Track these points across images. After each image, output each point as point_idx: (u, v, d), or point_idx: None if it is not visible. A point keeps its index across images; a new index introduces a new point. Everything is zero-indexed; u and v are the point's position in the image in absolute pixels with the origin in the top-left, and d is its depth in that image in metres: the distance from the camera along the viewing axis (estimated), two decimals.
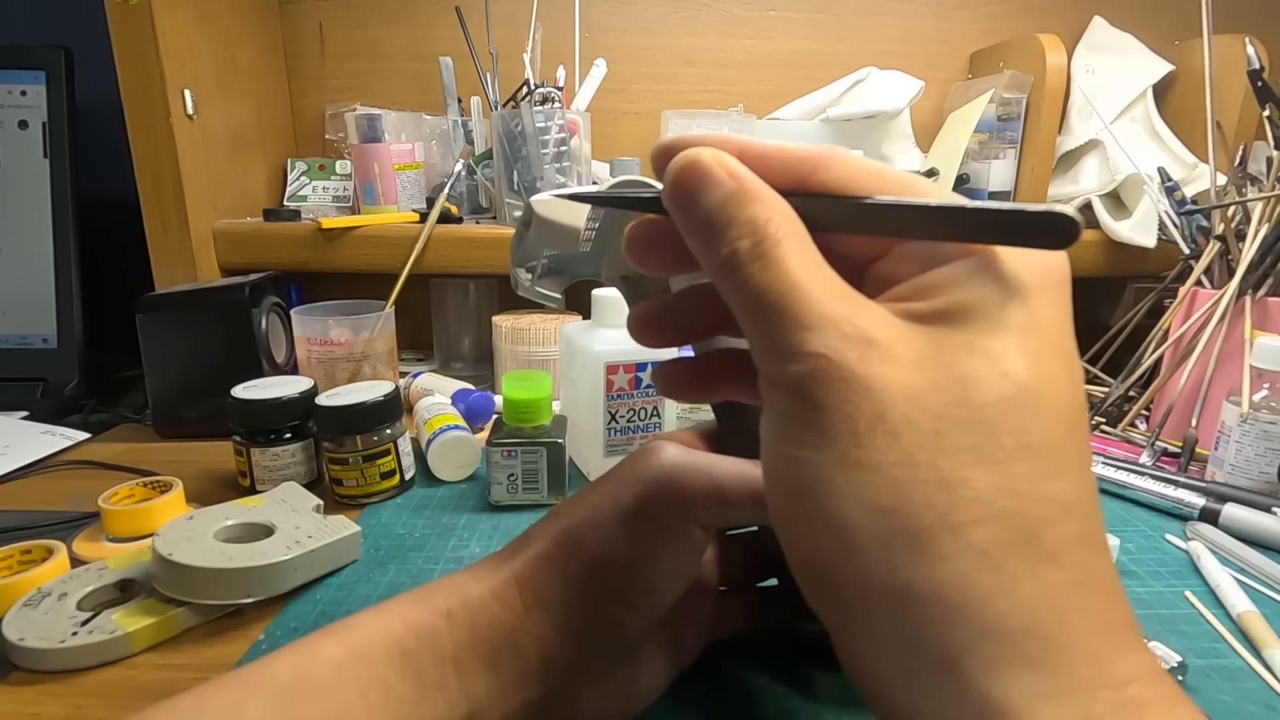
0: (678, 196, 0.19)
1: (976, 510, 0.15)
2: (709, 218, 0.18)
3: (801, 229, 0.18)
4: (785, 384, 0.17)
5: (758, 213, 0.18)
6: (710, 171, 0.18)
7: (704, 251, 0.19)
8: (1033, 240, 0.16)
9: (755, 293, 0.17)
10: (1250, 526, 0.45)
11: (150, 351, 0.60)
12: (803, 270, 0.17)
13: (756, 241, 0.17)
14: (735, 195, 0.18)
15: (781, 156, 0.19)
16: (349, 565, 0.41)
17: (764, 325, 0.18)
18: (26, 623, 0.33)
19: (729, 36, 0.89)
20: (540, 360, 0.69)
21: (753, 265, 0.17)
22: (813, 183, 0.19)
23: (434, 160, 0.85)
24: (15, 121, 0.72)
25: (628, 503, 0.26)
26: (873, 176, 0.18)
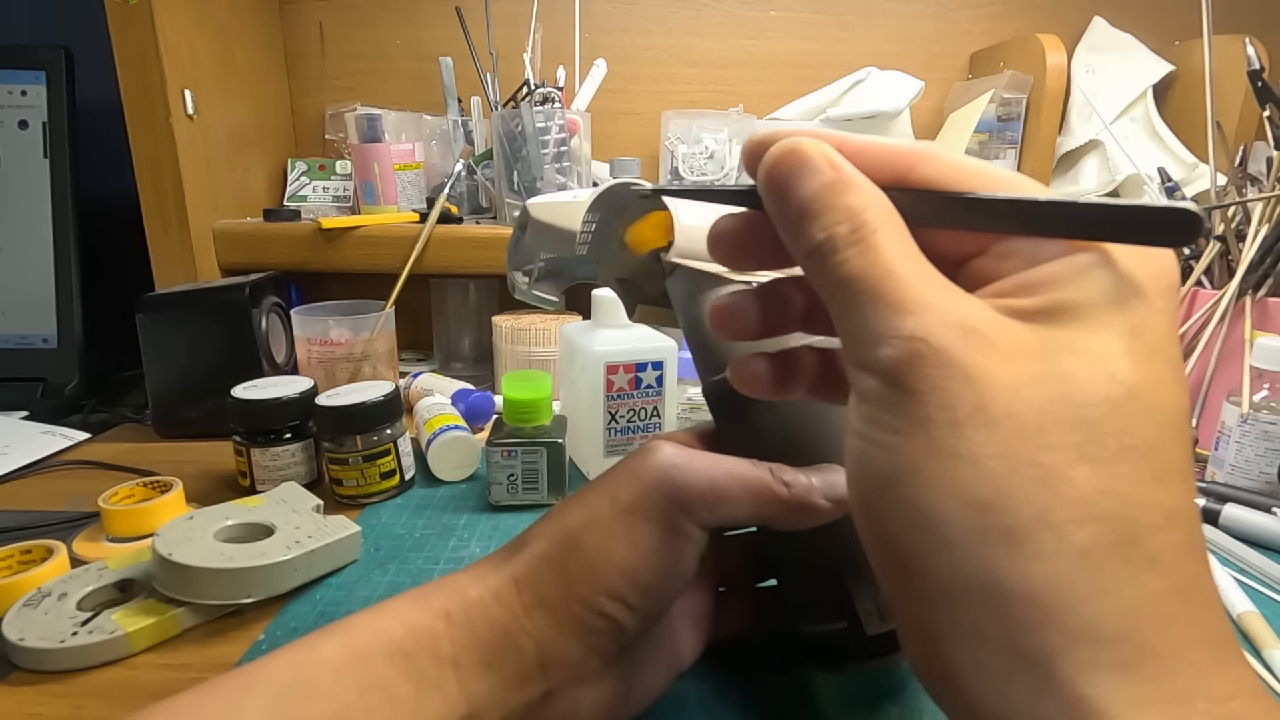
0: (776, 182, 0.19)
1: (1078, 510, 0.15)
2: (806, 204, 0.18)
3: (899, 221, 0.18)
4: (878, 367, 0.17)
5: (855, 200, 0.18)
6: (810, 158, 0.18)
7: (798, 237, 0.18)
8: (1151, 237, 0.16)
9: (850, 277, 0.17)
10: (1250, 527, 0.45)
11: (150, 351, 0.60)
12: (900, 257, 0.17)
13: (854, 228, 0.17)
14: (834, 184, 0.18)
15: (879, 152, 0.19)
16: (349, 565, 0.41)
17: (857, 309, 0.17)
18: (26, 623, 0.33)
19: (729, 36, 0.89)
20: (540, 360, 0.69)
21: (849, 250, 0.17)
22: (911, 179, 0.18)
23: (434, 160, 0.85)
24: (15, 121, 0.72)
25: (626, 502, 0.26)
26: (974, 174, 0.18)
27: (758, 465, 0.27)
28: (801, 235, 0.18)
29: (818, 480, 0.26)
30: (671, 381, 0.52)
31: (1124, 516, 0.15)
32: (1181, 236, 0.15)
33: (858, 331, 0.17)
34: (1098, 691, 0.14)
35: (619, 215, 0.34)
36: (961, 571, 0.15)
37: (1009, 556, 0.15)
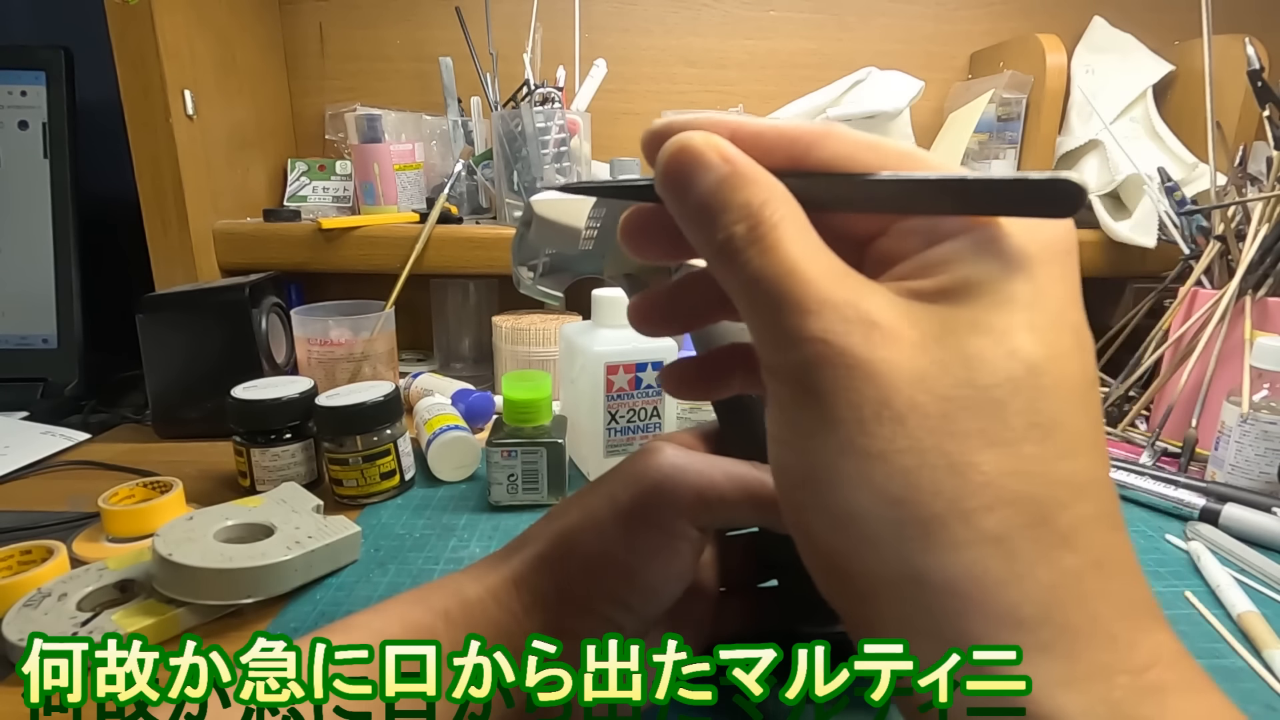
0: (670, 182, 0.18)
1: (987, 495, 0.15)
2: (703, 203, 0.18)
3: (799, 211, 0.17)
4: (786, 372, 0.17)
5: (752, 196, 0.17)
6: (702, 155, 0.18)
7: (699, 238, 0.18)
8: (1037, 209, 0.16)
9: (752, 278, 0.17)
10: (1250, 527, 0.45)
11: (150, 351, 0.60)
12: (801, 253, 0.17)
13: (752, 225, 0.17)
14: (729, 179, 0.17)
15: (775, 136, 0.18)
16: (349, 565, 0.41)
17: (763, 312, 0.17)
18: (26, 623, 0.33)
19: (729, 36, 0.89)
20: (540, 360, 0.69)
21: (749, 250, 0.17)
22: (809, 161, 0.18)
23: (434, 160, 0.85)
24: (15, 121, 0.72)
25: (624, 504, 0.26)
26: (870, 151, 0.18)
27: (758, 467, 0.27)
28: (700, 235, 0.18)
29: None
30: None
31: (1033, 497, 0.15)
32: (1062, 207, 0.15)
33: (764, 335, 0.17)
34: None
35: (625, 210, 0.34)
36: (885, 567, 0.16)
37: (926, 548, 0.15)
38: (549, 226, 0.36)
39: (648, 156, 0.20)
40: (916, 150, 0.18)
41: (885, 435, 0.15)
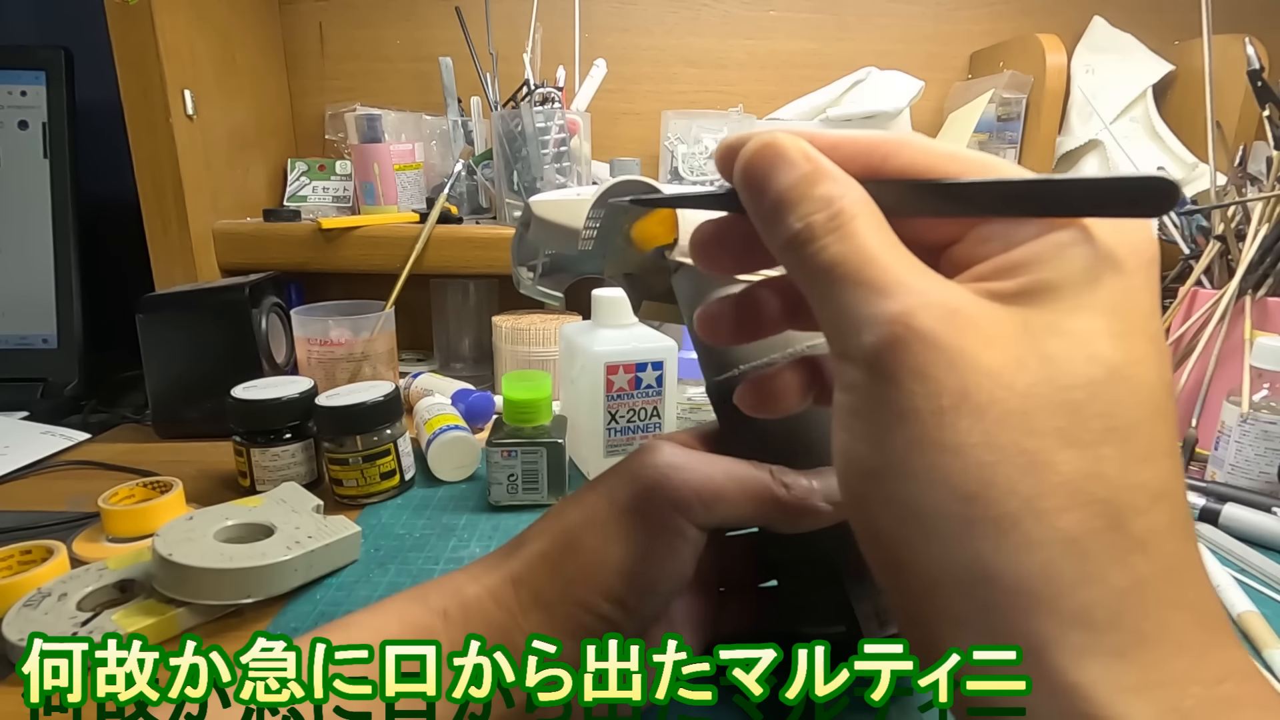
0: (752, 178, 0.18)
1: (1064, 496, 0.15)
2: (783, 195, 0.18)
3: (876, 209, 0.18)
4: (860, 355, 0.16)
5: (832, 189, 0.17)
6: (786, 152, 0.18)
7: (775, 229, 0.18)
8: (1126, 209, 0.16)
9: (829, 264, 0.17)
10: (1250, 526, 0.45)
11: (150, 351, 0.60)
12: (879, 242, 0.17)
13: (831, 215, 0.17)
14: (810, 175, 0.18)
15: (852, 146, 0.18)
16: (349, 565, 0.41)
17: (837, 296, 0.17)
18: (26, 623, 0.33)
19: (729, 36, 0.89)
20: (540, 360, 0.69)
21: (827, 237, 0.17)
22: (886, 169, 0.18)
23: (434, 160, 0.85)
24: (15, 121, 0.72)
25: (623, 502, 0.26)
26: (948, 160, 0.18)
27: (758, 467, 0.27)
28: (778, 227, 0.18)
29: (819, 483, 0.26)
30: (671, 381, 0.52)
31: (1110, 500, 0.15)
32: (1156, 206, 0.15)
33: (838, 319, 0.17)
34: (1089, 678, 0.14)
35: (625, 211, 0.34)
36: (952, 563, 0.15)
37: (998, 547, 0.15)
38: (547, 227, 0.36)
39: (722, 167, 0.20)
40: (995, 158, 0.18)
41: (962, 428, 0.15)
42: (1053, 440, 0.15)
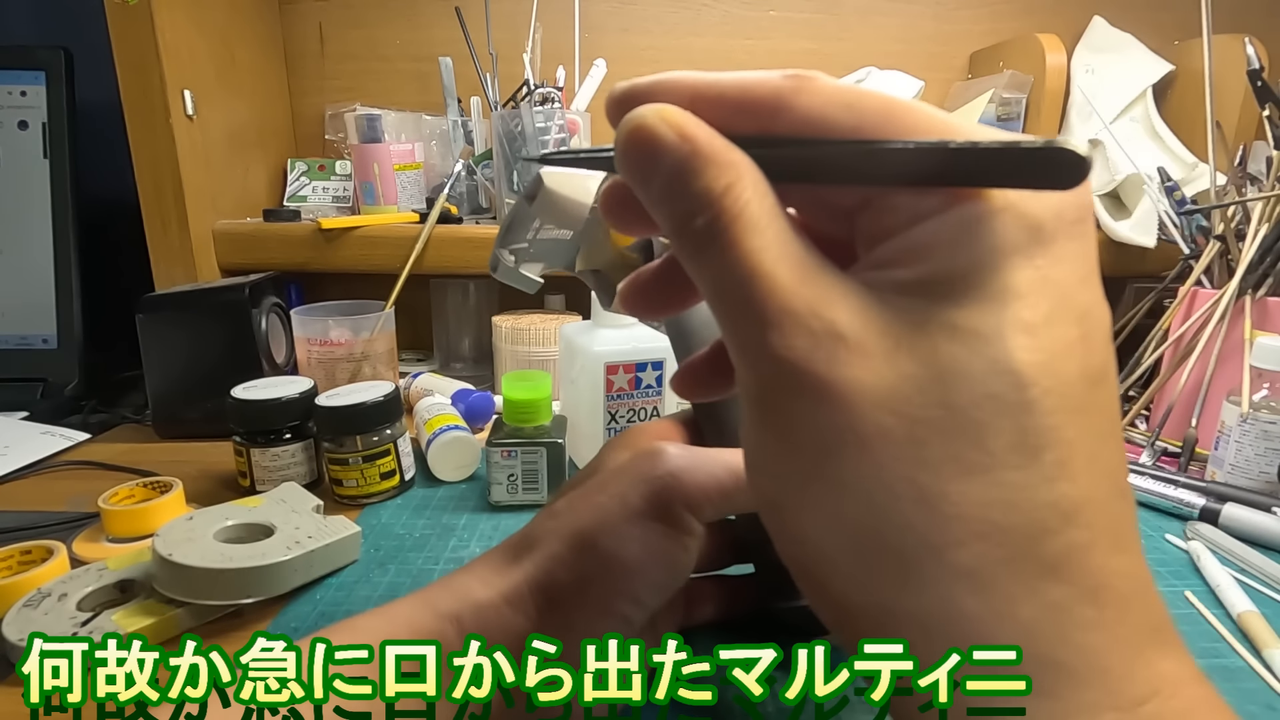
0: (629, 168, 0.16)
1: (959, 530, 0.14)
2: (663, 191, 0.16)
3: (765, 192, 0.15)
4: (748, 389, 0.16)
5: (712, 181, 0.15)
6: (657, 135, 0.15)
7: (665, 228, 0.17)
8: (1032, 181, 0.14)
9: (714, 280, 0.15)
10: (1250, 526, 0.45)
11: (150, 351, 0.60)
12: (764, 248, 0.15)
13: (711, 218, 0.15)
14: (687, 161, 0.15)
15: (738, 97, 0.16)
16: (349, 566, 0.41)
17: (726, 318, 0.16)
18: (26, 623, 0.33)
19: (729, 36, 0.89)
20: (540, 360, 0.69)
21: (710, 249, 0.15)
22: (777, 125, 0.16)
23: (434, 160, 0.85)
24: (15, 122, 0.72)
25: (636, 504, 0.26)
26: (844, 110, 0.15)
27: None
28: (665, 227, 0.16)
29: None
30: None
31: (1013, 528, 0.14)
32: (1063, 178, 0.13)
33: (730, 343, 0.16)
34: None
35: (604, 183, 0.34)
36: (856, 597, 0.15)
37: (895, 585, 0.14)
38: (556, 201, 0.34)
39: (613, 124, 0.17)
40: (902, 106, 0.15)
41: (850, 465, 0.14)
42: (946, 469, 0.14)
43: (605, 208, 0.20)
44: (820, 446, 0.14)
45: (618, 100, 0.17)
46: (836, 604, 0.16)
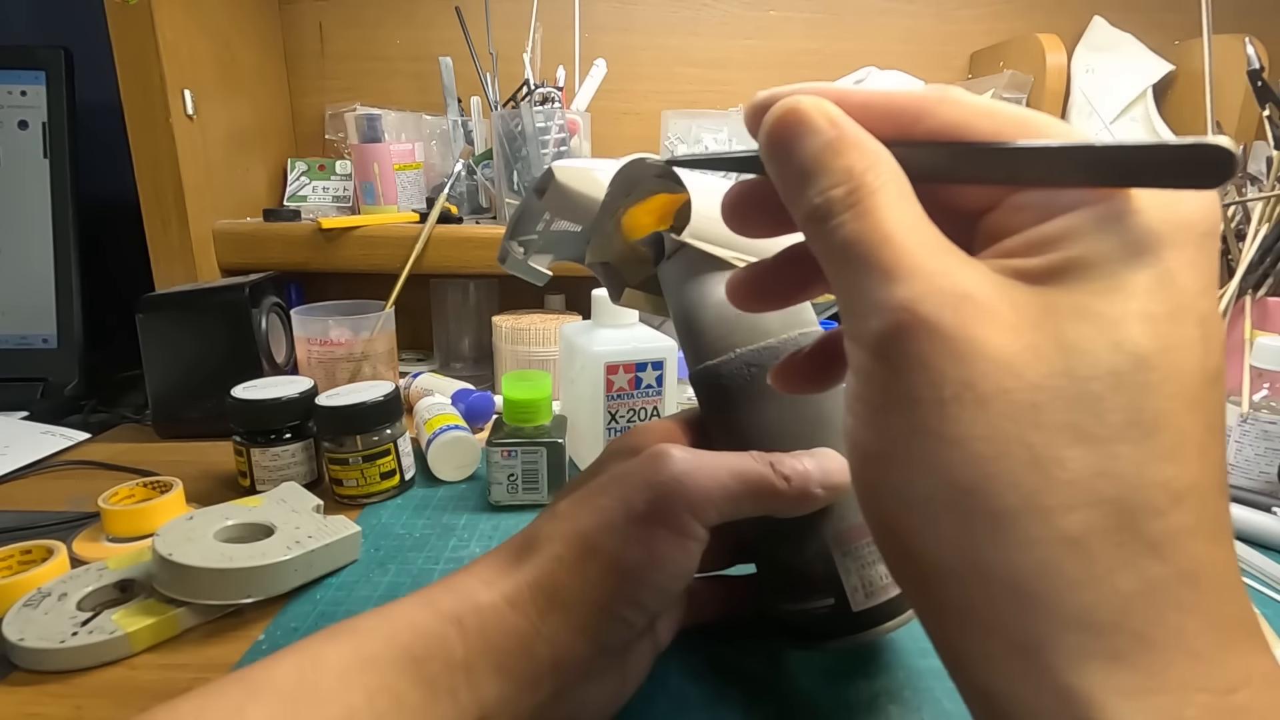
0: (774, 145, 0.18)
1: (1069, 494, 0.14)
2: (805, 166, 0.17)
3: (903, 180, 0.17)
4: (867, 340, 0.16)
5: (855, 161, 0.16)
6: (809, 117, 0.17)
7: (797, 202, 0.17)
8: (1177, 180, 0.14)
9: (845, 242, 0.16)
10: (1250, 526, 0.45)
11: (150, 351, 0.60)
12: (899, 221, 0.16)
13: (851, 189, 0.16)
14: (833, 143, 0.17)
15: (884, 105, 0.17)
16: (349, 565, 0.41)
17: (850, 278, 0.16)
18: (26, 623, 0.33)
19: (729, 36, 0.89)
20: (540, 360, 0.69)
21: (845, 214, 0.16)
22: (918, 131, 0.17)
23: (434, 160, 0.85)
24: (15, 121, 0.72)
25: (641, 510, 0.26)
26: (984, 117, 0.16)
27: (757, 459, 0.27)
28: (798, 199, 0.17)
29: (814, 468, 0.27)
30: (671, 381, 0.52)
31: (1122, 500, 0.14)
32: (1212, 176, 0.13)
33: (850, 301, 0.16)
34: (1087, 681, 0.14)
35: (626, 194, 0.34)
36: (951, 556, 0.15)
37: (995, 542, 0.14)
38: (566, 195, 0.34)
39: (750, 127, 0.19)
40: (1037, 115, 0.17)
41: (964, 419, 0.15)
42: (1062, 435, 0.14)
43: (726, 209, 0.22)
44: (936, 400, 0.15)
45: (760, 105, 0.18)
46: (924, 563, 0.16)
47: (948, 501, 0.15)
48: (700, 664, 0.33)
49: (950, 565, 0.15)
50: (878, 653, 0.33)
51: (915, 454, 0.15)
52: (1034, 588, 0.14)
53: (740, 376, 0.30)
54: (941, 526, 0.15)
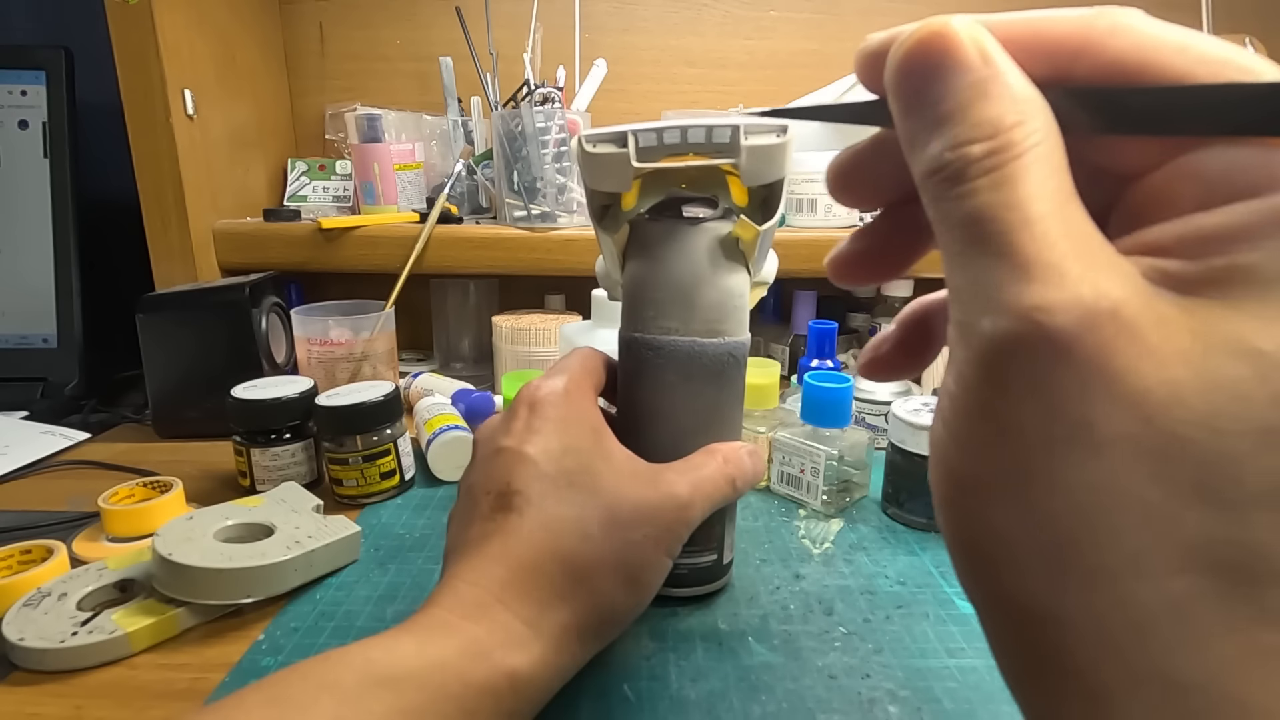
0: (907, 75, 0.14)
1: (1181, 558, 0.12)
2: (940, 108, 0.14)
3: (1057, 140, 0.13)
4: (976, 342, 0.13)
5: (1005, 110, 0.13)
6: (958, 47, 0.14)
7: (920, 149, 0.14)
8: None
9: (974, 215, 0.13)
10: None
11: (150, 351, 0.60)
12: (1045, 198, 0.13)
13: (993, 148, 0.13)
14: (982, 83, 0.13)
15: (1036, 35, 0.14)
16: (349, 565, 0.41)
17: (972, 259, 0.13)
18: (26, 623, 0.33)
19: (729, 36, 0.89)
20: (540, 360, 0.69)
21: (980, 180, 0.13)
22: (1080, 68, 0.14)
23: (434, 160, 0.85)
24: (15, 121, 0.72)
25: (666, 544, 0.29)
26: (1174, 52, 0.13)
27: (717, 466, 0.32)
28: (922, 150, 0.14)
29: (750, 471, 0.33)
30: None
31: (1242, 567, 0.12)
32: None
33: (965, 287, 0.14)
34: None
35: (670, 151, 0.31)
36: (1032, 599, 0.13)
37: (1083, 595, 0.13)
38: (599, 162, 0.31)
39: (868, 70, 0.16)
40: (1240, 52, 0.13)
41: (1075, 465, 0.12)
42: (1186, 494, 0.12)
43: (831, 176, 0.19)
44: (1044, 438, 0.13)
45: (874, 51, 0.16)
46: (1001, 597, 0.14)
47: (1040, 547, 0.13)
48: (700, 663, 0.33)
49: (1026, 606, 0.13)
50: (878, 652, 0.33)
51: (1011, 490, 0.13)
52: (1120, 643, 0.13)
53: (721, 361, 0.33)
54: (1025, 570, 0.13)
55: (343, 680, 0.22)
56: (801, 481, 0.48)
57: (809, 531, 0.45)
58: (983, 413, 0.13)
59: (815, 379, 0.47)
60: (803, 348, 0.64)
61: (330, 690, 0.22)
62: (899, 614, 0.37)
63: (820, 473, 0.47)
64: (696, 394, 0.33)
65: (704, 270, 0.32)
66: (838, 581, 0.40)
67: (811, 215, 0.72)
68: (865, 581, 0.40)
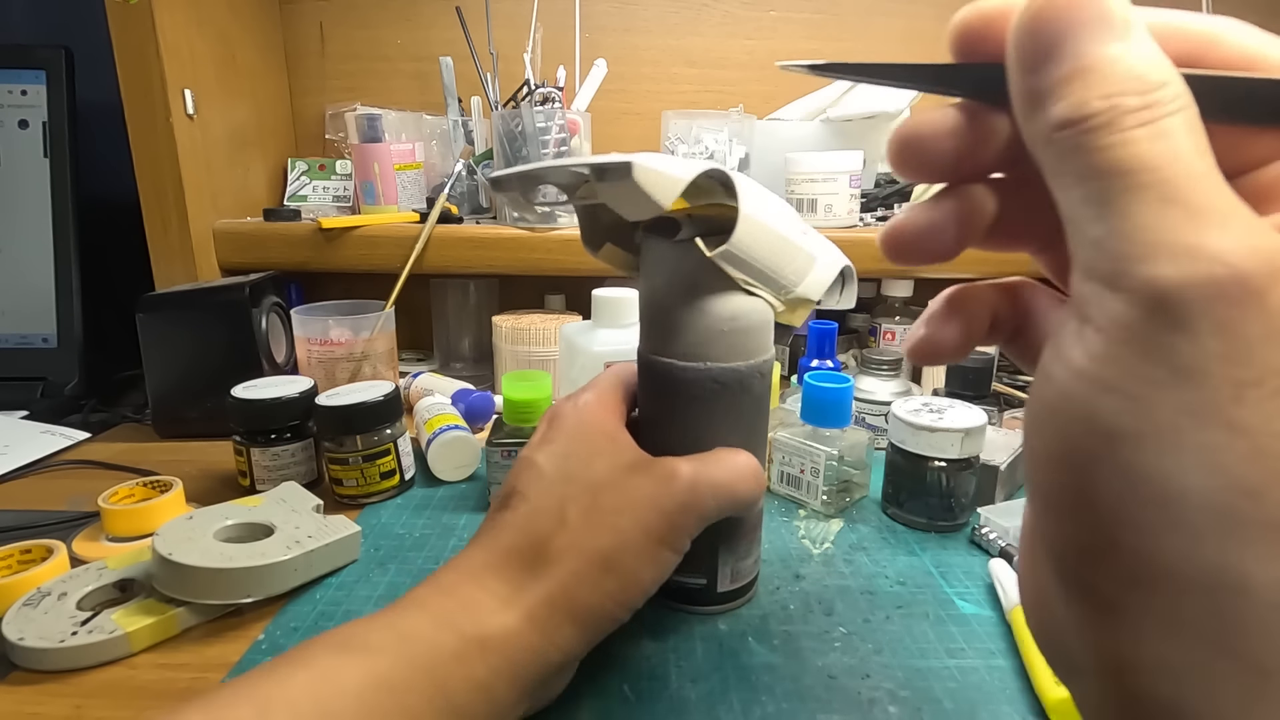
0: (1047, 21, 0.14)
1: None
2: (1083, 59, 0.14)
3: (1198, 114, 0.13)
4: (1143, 287, 0.13)
5: (1151, 71, 0.13)
6: (1105, 4, 0.14)
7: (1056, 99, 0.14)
8: None
9: (1128, 164, 0.13)
10: None
11: (150, 351, 0.60)
12: (1200, 153, 0.13)
13: (1150, 103, 0.13)
14: (1128, 43, 0.14)
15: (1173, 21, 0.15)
16: (349, 565, 0.41)
17: (1129, 207, 0.13)
18: (26, 622, 0.33)
19: (729, 36, 0.89)
20: (540, 360, 0.69)
21: (1136, 130, 0.13)
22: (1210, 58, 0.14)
23: (434, 160, 0.85)
24: (15, 121, 0.72)
25: (656, 533, 0.28)
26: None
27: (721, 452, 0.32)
28: (1062, 99, 0.14)
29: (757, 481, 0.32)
30: None
31: None
32: None
33: (1117, 236, 0.13)
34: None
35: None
36: (1195, 562, 0.13)
37: (1263, 555, 0.12)
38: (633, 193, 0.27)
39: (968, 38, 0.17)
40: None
41: (1265, 409, 0.12)
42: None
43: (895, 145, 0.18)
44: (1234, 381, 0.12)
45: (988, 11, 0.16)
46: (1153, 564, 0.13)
47: (1214, 501, 0.12)
48: (700, 663, 0.33)
49: (1190, 572, 0.13)
50: (878, 653, 0.33)
51: (1186, 441, 0.12)
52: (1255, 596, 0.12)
53: (702, 386, 0.32)
54: (1193, 528, 0.12)
55: (317, 657, 0.23)
56: (801, 481, 0.48)
57: (809, 531, 0.45)
58: (1153, 356, 0.13)
59: (815, 379, 0.47)
60: (803, 348, 0.64)
61: (305, 665, 0.23)
62: (899, 614, 0.37)
63: (820, 473, 0.47)
64: (680, 412, 0.33)
65: (676, 294, 0.31)
66: (838, 582, 0.40)
67: (811, 215, 0.72)
68: (865, 582, 0.40)
